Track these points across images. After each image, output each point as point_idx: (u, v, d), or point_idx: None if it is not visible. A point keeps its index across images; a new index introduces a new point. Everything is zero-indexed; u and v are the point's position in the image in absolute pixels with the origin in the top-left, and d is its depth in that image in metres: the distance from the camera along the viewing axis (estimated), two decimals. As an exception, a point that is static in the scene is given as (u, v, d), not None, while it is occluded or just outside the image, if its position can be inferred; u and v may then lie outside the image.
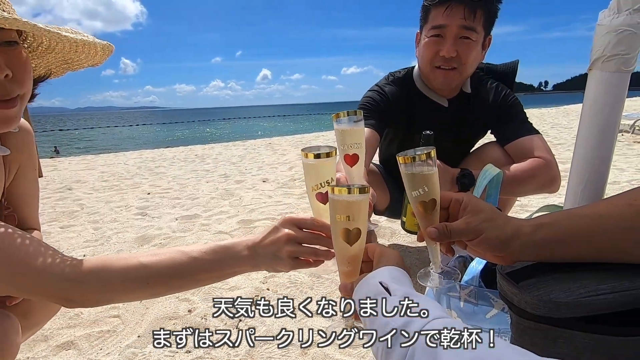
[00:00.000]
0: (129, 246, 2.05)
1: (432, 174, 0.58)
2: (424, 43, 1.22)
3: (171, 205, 2.89)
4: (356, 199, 0.54)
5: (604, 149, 0.66)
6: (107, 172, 4.74)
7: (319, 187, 0.64)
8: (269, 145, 7.56)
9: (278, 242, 0.62)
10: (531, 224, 0.54)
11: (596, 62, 0.64)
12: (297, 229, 0.63)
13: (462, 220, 0.57)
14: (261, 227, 2.25)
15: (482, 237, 0.54)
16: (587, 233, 0.51)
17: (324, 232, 0.64)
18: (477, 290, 0.75)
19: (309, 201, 0.67)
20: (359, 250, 0.56)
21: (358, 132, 0.68)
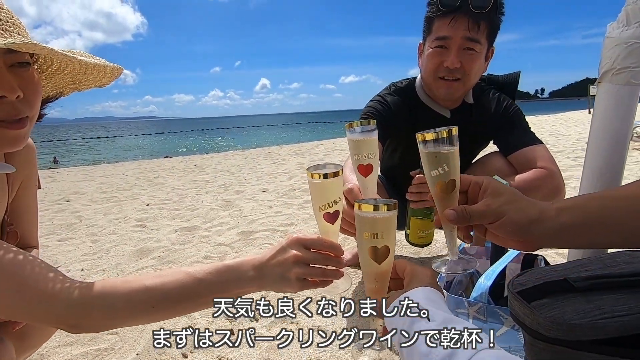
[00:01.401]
0: (127, 259, 2.02)
1: (453, 152, 0.56)
2: (428, 54, 1.22)
3: (170, 217, 2.86)
4: (384, 216, 0.52)
5: (615, 163, 0.65)
6: (106, 183, 4.72)
7: (327, 207, 0.63)
8: (268, 154, 7.55)
9: (285, 264, 0.61)
10: (556, 207, 0.51)
11: (606, 75, 0.63)
12: (304, 250, 0.61)
13: (482, 202, 0.54)
14: (261, 238, 2.23)
15: (504, 219, 0.51)
16: (618, 216, 0.48)
17: (332, 252, 0.63)
18: (486, 307, 0.73)
19: (316, 221, 0.66)
20: (388, 268, 0.55)
21: (372, 142, 0.68)
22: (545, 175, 1.17)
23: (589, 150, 0.69)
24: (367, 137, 0.67)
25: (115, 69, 0.73)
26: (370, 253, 0.53)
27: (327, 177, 0.61)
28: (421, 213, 1.08)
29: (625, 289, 0.51)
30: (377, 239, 0.52)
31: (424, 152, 0.57)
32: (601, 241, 0.50)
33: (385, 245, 0.53)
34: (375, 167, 0.68)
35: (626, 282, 0.52)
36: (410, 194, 1.08)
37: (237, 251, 2.06)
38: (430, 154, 0.56)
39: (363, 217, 0.52)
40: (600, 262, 0.58)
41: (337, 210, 0.64)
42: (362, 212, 0.52)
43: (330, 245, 0.63)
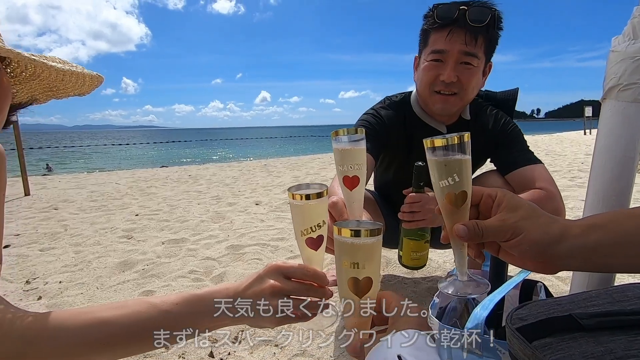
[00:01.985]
0: (109, 272, 1.94)
1: (465, 160, 0.50)
2: (424, 67, 1.18)
3: (159, 228, 2.78)
4: (365, 243, 0.45)
5: (622, 184, 0.60)
6: (97, 191, 4.63)
7: (309, 232, 0.56)
8: (264, 166, 7.51)
9: (261, 295, 0.54)
10: (581, 224, 0.45)
11: (611, 91, 0.59)
12: (283, 279, 0.55)
13: (496, 217, 0.48)
14: (250, 253, 2.15)
15: (521, 237, 0.45)
16: None
17: (315, 281, 0.57)
18: (482, 339, 0.67)
19: (298, 247, 0.59)
20: (370, 301, 0.48)
21: (359, 153, 0.62)
22: (544, 197, 1.11)
23: (593, 172, 0.64)
24: (354, 147, 0.61)
25: (95, 78, 0.70)
26: (350, 285, 0.46)
27: (309, 199, 0.54)
28: (414, 234, 1.02)
29: (638, 329, 0.45)
30: (358, 268, 0.45)
31: (432, 160, 0.52)
32: (631, 264, 0.44)
33: (367, 276, 0.45)
34: (362, 180, 0.62)
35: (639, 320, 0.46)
36: (402, 213, 1.02)
37: (225, 266, 1.98)
38: (439, 162, 0.50)
39: (342, 242, 0.45)
40: (609, 297, 0.52)
41: (321, 235, 0.57)
42: (341, 238, 0.45)
43: (313, 274, 0.57)
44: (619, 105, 0.59)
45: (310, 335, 1.29)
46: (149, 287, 1.74)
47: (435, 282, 1.70)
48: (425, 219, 0.99)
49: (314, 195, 0.55)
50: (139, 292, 1.68)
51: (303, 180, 5.34)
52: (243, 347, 1.24)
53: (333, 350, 1.20)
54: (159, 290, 1.69)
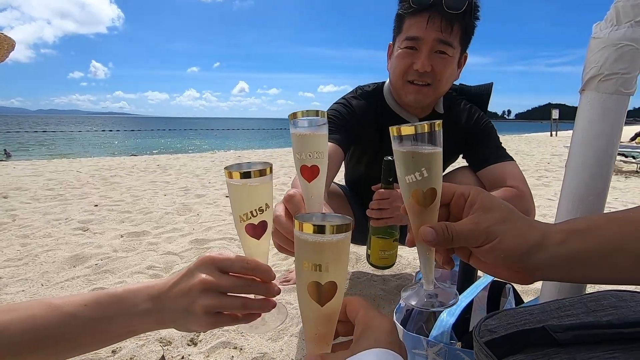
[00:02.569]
0: (57, 267, 1.78)
1: (435, 153, 0.44)
2: (397, 55, 1.12)
3: (119, 220, 2.61)
4: (331, 241, 0.37)
5: (599, 184, 0.56)
6: (55, 179, 4.34)
7: (250, 217, 0.49)
8: (238, 158, 7.33)
9: (191, 293, 0.46)
10: (562, 230, 0.40)
11: (591, 82, 0.54)
12: (218, 274, 0.47)
13: (469, 219, 0.42)
14: (216, 247, 2.04)
15: (495, 242, 0.40)
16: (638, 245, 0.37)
17: (258, 275, 0.49)
18: (447, 349, 0.62)
19: (238, 235, 0.51)
20: (334, 310, 0.40)
21: (320, 139, 0.54)
22: (515, 195, 1.09)
23: (569, 170, 0.59)
24: (314, 132, 0.53)
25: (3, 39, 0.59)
26: (310, 290, 0.38)
27: (249, 177, 0.47)
28: (383, 232, 0.97)
29: (616, 344, 0.41)
30: (321, 271, 0.37)
31: (398, 152, 0.45)
32: (615, 276, 0.39)
33: (331, 281, 0.38)
34: (323, 171, 0.54)
35: (617, 334, 0.41)
36: (370, 210, 0.97)
37: (187, 261, 1.87)
38: (406, 154, 0.44)
39: (303, 240, 0.37)
40: (583, 306, 0.48)
41: (264, 222, 0.50)
42: (302, 234, 0.37)
43: (255, 267, 0.49)
44: (598, 97, 0.54)
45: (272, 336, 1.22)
46: (101, 283, 1.61)
47: (405, 279, 1.67)
48: (393, 216, 0.94)
49: (255, 172, 0.47)
50: (89, 289, 1.55)
51: (277, 172, 5.23)
52: (199, 350, 1.15)
53: (295, 352, 1.13)
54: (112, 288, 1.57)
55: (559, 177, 4.83)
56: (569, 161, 0.59)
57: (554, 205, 3.09)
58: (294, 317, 1.33)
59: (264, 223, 0.50)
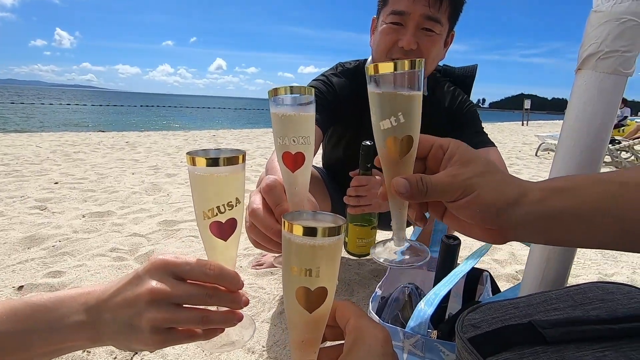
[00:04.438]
0: (9, 249, 1.64)
1: (415, 96, 0.39)
2: (381, 30, 1.05)
3: (81, 199, 2.46)
4: (323, 244, 0.33)
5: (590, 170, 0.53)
6: (11, 154, 4.03)
7: (216, 214, 0.41)
8: (212, 137, 7.10)
9: (136, 303, 0.38)
10: (542, 187, 0.37)
11: (589, 60, 0.50)
12: (172, 281, 0.39)
13: (446, 171, 0.39)
14: (186, 230, 1.96)
15: (472, 197, 0.37)
16: (623, 207, 0.34)
17: (222, 284, 0.42)
18: (424, 340, 0.59)
19: (200, 235, 0.44)
20: (323, 317, 0.36)
21: (307, 121, 0.46)
22: None
23: (559, 155, 0.56)
24: (300, 113, 0.46)
25: None
26: (299, 296, 0.35)
27: (217, 164, 0.40)
28: (361, 219, 0.93)
29: (605, 341, 0.38)
30: (311, 276, 0.34)
31: (373, 94, 0.40)
32: (597, 238, 0.36)
33: (321, 286, 0.34)
34: (309, 158, 0.47)
35: (607, 331, 0.39)
36: (347, 197, 0.92)
37: (154, 243, 1.78)
38: (382, 95, 0.39)
39: (292, 242, 0.34)
40: (570, 299, 0.45)
41: (233, 220, 0.43)
42: (292, 236, 0.33)
43: (219, 273, 0.41)
44: (595, 77, 0.51)
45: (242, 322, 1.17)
46: (58, 267, 1.50)
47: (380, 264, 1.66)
48: (371, 204, 0.90)
49: (224, 160, 0.40)
50: (45, 273, 1.43)
51: (253, 153, 5.10)
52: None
53: (266, 339, 1.09)
54: (70, 271, 1.46)
55: (530, 165, 4.99)
56: (558, 145, 0.56)
57: (524, 192, 3.18)
58: (265, 302, 1.29)
59: (233, 222, 0.43)
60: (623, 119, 7.06)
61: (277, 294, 1.34)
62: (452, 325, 0.64)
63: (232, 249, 0.44)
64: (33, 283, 1.35)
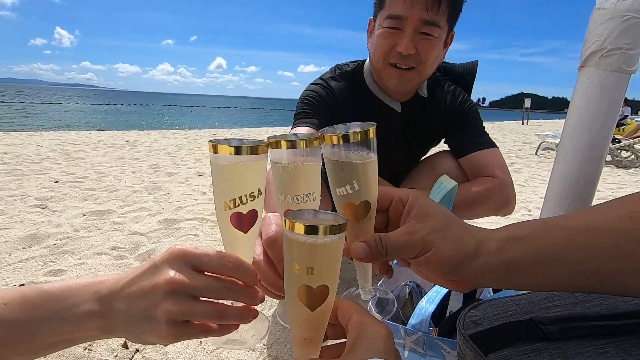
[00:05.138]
0: (10, 247, 1.65)
1: (368, 164, 0.40)
2: (378, 34, 1.03)
3: (81, 198, 2.46)
4: (325, 242, 0.33)
5: (591, 168, 0.53)
6: (11, 153, 4.03)
7: (237, 204, 0.40)
8: (212, 136, 7.09)
9: (153, 293, 0.37)
10: (499, 237, 0.38)
11: (591, 58, 0.50)
12: (190, 272, 0.38)
13: (404, 229, 0.39)
14: (186, 228, 1.96)
15: (431, 253, 0.37)
16: (575, 253, 0.35)
17: (240, 277, 0.40)
18: (426, 337, 0.59)
19: (219, 227, 0.42)
20: (325, 315, 0.36)
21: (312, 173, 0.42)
22: (496, 185, 1.07)
23: (561, 152, 0.56)
24: (305, 163, 0.41)
25: None
26: (300, 294, 0.35)
27: (240, 153, 0.38)
28: None
29: (606, 338, 0.38)
30: (313, 274, 0.34)
31: (328, 160, 0.41)
32: (551, 283, 0.37)
33: (323, 284, 0.34)
34: None
35: (607, 327, 0.39)
36: None
37: (155, 242, 1.78)
38: (336, 164, 0.40)
39: (293, 240, 0.34)
40: (571, 295, 0.45)
41: (254, 211, 0.41)
42: (294, 234, 0.33)
43: (237, 266, 0.40)
44: (598, 75, 0.51)
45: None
46: (59, 265, 1.50)
47: (380, 262, 1.66)
48: None
49: (246, 149, 0.38)
50: (46, 271, 1.44)
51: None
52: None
53: (267, 337, 1.09)
54: (71, 270, 1.46)
55: (530, 164, 4.99)
56: (560, 143, 0.56)
57: (524, 191, 3.18)
58: (267, 299, 1.29)
59: (254, 213, 0.41)
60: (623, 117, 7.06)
61: (278, 292, 1.34)
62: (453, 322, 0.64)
63: (251, 242, 0.43)
64: (34, 281, 1.35)
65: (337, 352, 0.37)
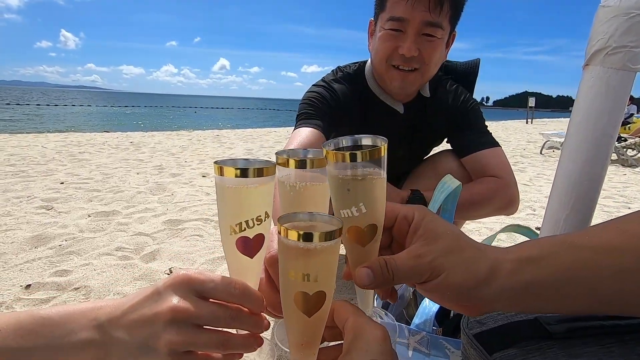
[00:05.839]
0: (17, 248, 1.66)
1: (376, 183, 0.36)
2: (380, 36, 1.03)
3: (87, 199, 2.48)
4: (322, 248, 0.33)
5: (596, 167, 0.52)
6: (17, 155, 4.07)
7: (244, 228, 0.38)
8: (216, 137, 7.12)
9: (155, 322, 0.35)
10: (513, 258, 0.35)
11: (596, 56, 0.50)
12: (195, 300, 0.36)
13: (410, 251, 0.36)
14: (190, 229, 1.96)
15: (441, 278, 0.35)
16: (596, 274, 0.33)
17: (246, 305, 0.39)
18: (430, 337, 0.59)
19: (224, 251, 0.40)
20: (322, 320, 0.36)
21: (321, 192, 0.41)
22: (500, 185, 1.07)
23: (565, 151, 0.56)
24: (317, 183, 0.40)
25: None
26: (297, 301, 0.34)
27: (247, 175, 0.36)
28: None
29: (612, 337, 0.38)
30: (309, 281, 0.33)
31: (331, 178, 0.37)
32: (572, 307, 0.35)
33: (320, 290, 0.34)
34: None
35: (613, 326, 0.39)
36: None
37: (159, 242, 1.79)
38: (341, 184, 0.37)
39: (289, 247, 0.33)
40: (577, 295, 0.45)
41: (261, 235, 0.39)
42: (288, 241, 0.33)
43: (243, 292, 0.38)
44: (603, 73, 0.50)
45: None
46: (65, 266, 1.52)
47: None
48: None
49: (253, 171, 0.36)
50: (52, 272, 1.45)
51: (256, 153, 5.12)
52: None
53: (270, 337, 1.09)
54: (77, 270, 1.47)
55: (534, 163, 4.96)
56: (565, 142, 0.55)
57: (529, 190, 3.17)
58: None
59: (261, 237, 0.39)
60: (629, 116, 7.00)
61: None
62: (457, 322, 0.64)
63: (257, 267, 0.41)
64: (40, 282, 1.36)
65: (334, 355, 0.37)
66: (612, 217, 0.39)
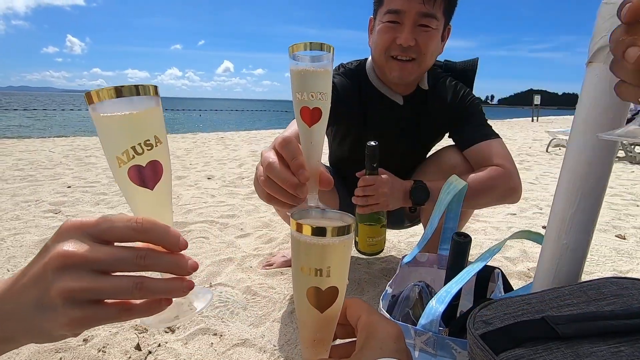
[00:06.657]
0: (25, 252, 1.68)
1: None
2: (379, 29, 1.08)
3: (94, 202, 2.50)
4: (334, 243, 0.33)
5: (602, 165, 0.52)
6: (25, 159, 4.12)
7: (131, 157, 0.34)
8: (220, 139, 7.15)
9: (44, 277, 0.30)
10: None
11: (599, 53, 0.50)
12: (91, 244, 0.31)
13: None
14: (196, 231, 1.98)
15: None
16: None
17: (157, 241, 0.33)
18: (436, 337, 0.59)
19: (121, 191, 0.36)
20: (334, 316, 0.36)
21: (325, 77, 0.48)
22: (501, 174, 1.07)
23: (570, 148, 0.56)
24: (319, 69, 0.48)
25: None
26: (309, 296, 0.34)
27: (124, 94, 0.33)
28: (370, 218, 0.93)
29: (620, 337, 0.38)
30: (321, 276, 0.33)
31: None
32: None
33: (332, 286, 0.34)
34: (325, 115, 0.49)
35: (622, 326, 0.38)
36: (356, 197, 0.94)
37: (166, 245, 1.80)
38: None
39: (301, 242, 0.33)
40: (583, 294, 0.45)
41: (156, 162, 0.35)
42: (301, 236, 0.32)
43: (150, 227, 0.32)
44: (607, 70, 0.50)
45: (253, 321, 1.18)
46: (73, 268, 1.53)
47: (390, 262, 1.65)
48: (379, 202, 0.92)
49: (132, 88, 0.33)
50: (60, 275, 1.47)
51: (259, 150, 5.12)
52: (176, 337, 1.10)
53: (277, 338, 1.10)
54: (84, 273, 1.49)
55: (540, 161, 4.92)
56: (569, 141, 0.55)
57: (535, 189, 3.14)
58: (276, 301, 1.29)
59: (156, 164, 0.35)
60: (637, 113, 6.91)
61: (288, 293, 1.35)
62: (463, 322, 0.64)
63: (163, 202, 0.36)
64: (49, 285, 1.38)
65: (346, 352, 0.37)
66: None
